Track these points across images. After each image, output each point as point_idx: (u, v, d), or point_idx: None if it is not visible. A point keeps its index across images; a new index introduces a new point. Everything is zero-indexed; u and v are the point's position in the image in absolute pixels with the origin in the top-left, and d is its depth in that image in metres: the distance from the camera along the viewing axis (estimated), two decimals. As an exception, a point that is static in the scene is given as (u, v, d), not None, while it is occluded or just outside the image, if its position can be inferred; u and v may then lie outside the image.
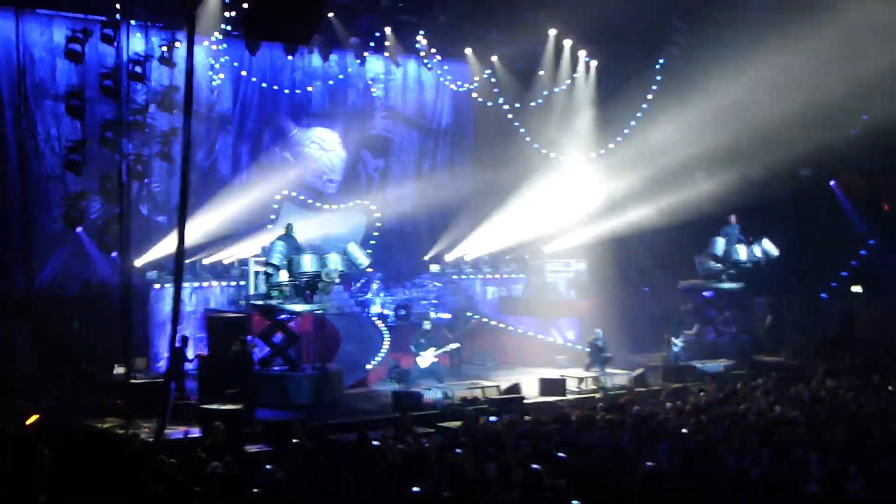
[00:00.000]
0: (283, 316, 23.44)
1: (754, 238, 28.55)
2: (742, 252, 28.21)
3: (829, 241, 31.59)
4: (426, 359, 24.52)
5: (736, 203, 29.91)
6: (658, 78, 30.85)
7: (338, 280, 23.79)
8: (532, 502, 11.76)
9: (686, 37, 29.57)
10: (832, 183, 32.08)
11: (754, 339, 29.07)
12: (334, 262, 23.08)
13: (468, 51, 30.62)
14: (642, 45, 29.93)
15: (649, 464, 12.90)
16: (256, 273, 23.87)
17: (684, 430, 16.20)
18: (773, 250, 28.42)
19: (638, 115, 31.01)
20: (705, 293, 29.24)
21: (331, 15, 26.18)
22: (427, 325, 25.23)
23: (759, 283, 29.62)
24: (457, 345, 25.62)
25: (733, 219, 28.77)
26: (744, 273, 28.65)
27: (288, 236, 23.35)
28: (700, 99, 28.54)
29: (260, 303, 23.27)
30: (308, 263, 22.70)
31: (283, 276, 22.98)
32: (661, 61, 30.67)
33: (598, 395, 22.85)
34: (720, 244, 28.33)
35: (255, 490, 12.26)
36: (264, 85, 28.52)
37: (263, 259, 23.39)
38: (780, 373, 23.21)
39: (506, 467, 12.79)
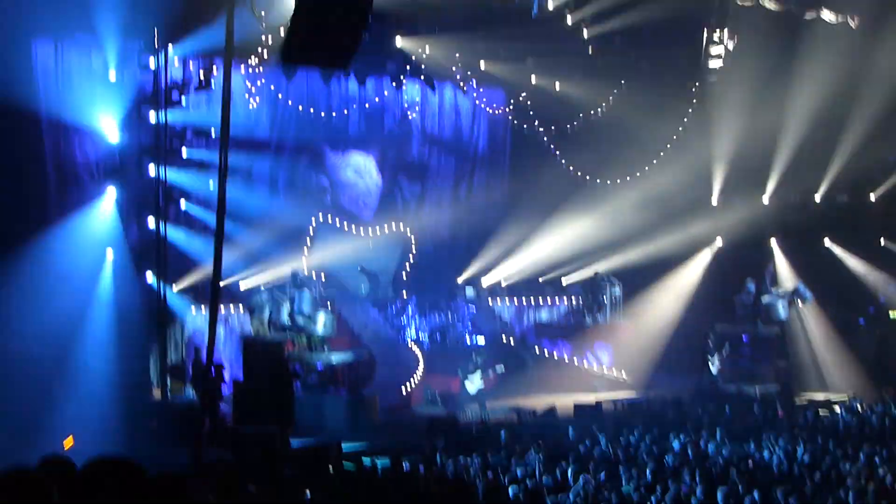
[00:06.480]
0: (320, 366, 23.58)
1: (792, 290, 28.53)
2: (781, 309, 28.19)
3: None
4: (474, 383, 24.41)
5: (773, 227, 29.89)
6: (694, 101, 30.79)
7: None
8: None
9: (727, 58, 29.36)
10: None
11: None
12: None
13: (504, 74, 30.44)
14: (681, 65, 29.85)
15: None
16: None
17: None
18: (808, 295, 28.37)
19: (674, 137, 30.88)
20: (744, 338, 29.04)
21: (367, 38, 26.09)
22: (475, 357, 25.16)
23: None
24: (502, 367, 25.44)
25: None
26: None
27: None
28: (736, 121, 28.51)
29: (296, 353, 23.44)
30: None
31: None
32: (697, 84, 30.60)
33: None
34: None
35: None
36: (301, 109, 28.42)
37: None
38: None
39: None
